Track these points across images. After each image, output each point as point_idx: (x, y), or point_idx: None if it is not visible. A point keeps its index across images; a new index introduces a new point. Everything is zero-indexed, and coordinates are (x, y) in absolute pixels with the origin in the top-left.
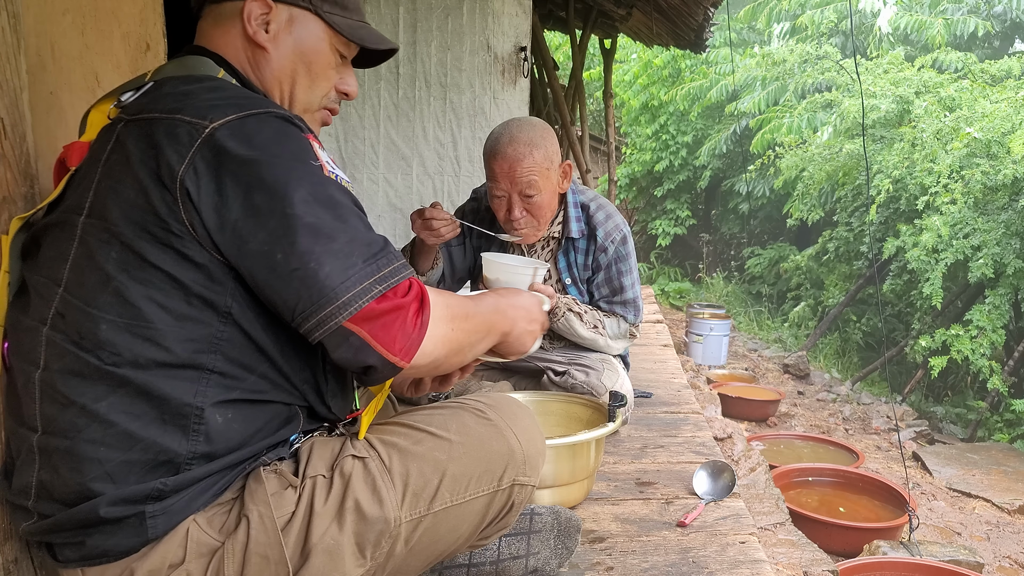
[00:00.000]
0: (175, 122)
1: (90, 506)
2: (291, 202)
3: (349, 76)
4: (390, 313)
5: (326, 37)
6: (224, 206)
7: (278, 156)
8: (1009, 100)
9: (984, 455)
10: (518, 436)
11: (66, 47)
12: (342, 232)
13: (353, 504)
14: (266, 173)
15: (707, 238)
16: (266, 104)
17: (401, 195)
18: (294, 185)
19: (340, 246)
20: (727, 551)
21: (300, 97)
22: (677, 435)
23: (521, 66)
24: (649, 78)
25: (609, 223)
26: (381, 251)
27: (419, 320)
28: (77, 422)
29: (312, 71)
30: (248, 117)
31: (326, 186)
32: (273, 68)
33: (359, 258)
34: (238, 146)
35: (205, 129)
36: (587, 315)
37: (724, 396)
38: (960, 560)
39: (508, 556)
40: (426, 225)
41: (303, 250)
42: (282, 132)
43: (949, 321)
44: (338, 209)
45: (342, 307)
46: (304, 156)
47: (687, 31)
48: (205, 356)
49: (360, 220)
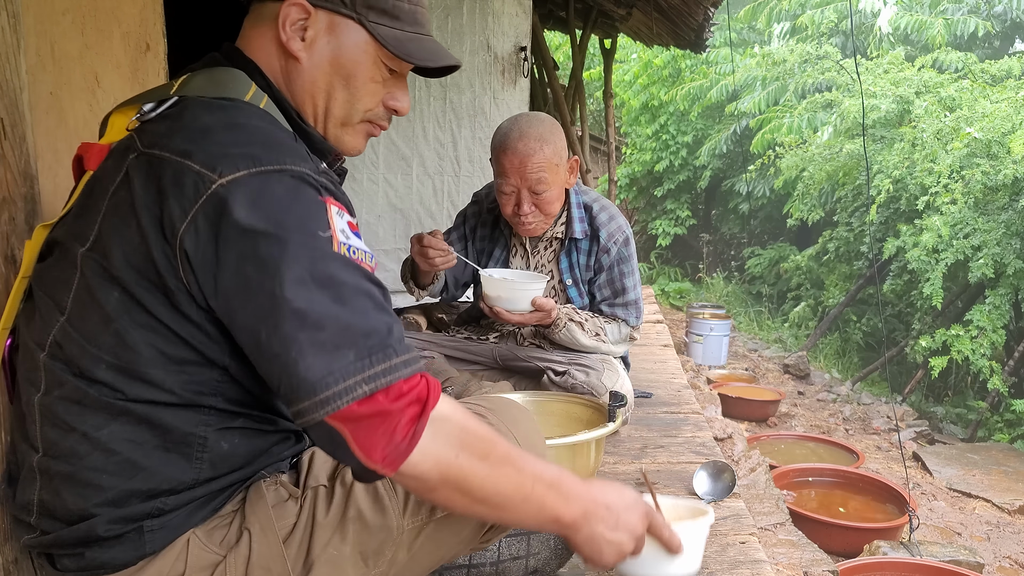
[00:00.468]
0: (183, 168)
1: (89, 525)
2: (282, 281)
3: (400, 91)
4: (375, 417)
5: (370, 50)
6: (219, 271)
7: (281, 226)
8: (1009, 100)
9: (984, 455)
10: (518, 440)
11: (66, 47)
12: (335, 320)
13: (356, 514)
14: (263, 245)
15: (707, 238)
16: (285, 157)
17: (401, 195)
18: (289, 262)
19: (328, 336)
20: (727, 551)
21: (336, 113)
22: (677, 435)
23: (521, 66)
24: (649, 78)
25: (612, 224)
26: (380, 344)
27: (411, 430)
28: (79, 449)
29: (352, 85)
30: (259, 175)
31: (328, 263)
32: (305, 81)
33: (349, 350)
34: (241, 210)
35: (212, 184)
36: (588, 323)
37: (724, 396)
38: (960, 560)
39: (508, 557)
40: (422, 252)
41: (286, 336)
42: (293, 197)
43: (949, 321)
44: (338, 290)
45: (321, 404)
46: (312, 226)
47: (687, 31)
48: (206, 398)
49: (367, 302)
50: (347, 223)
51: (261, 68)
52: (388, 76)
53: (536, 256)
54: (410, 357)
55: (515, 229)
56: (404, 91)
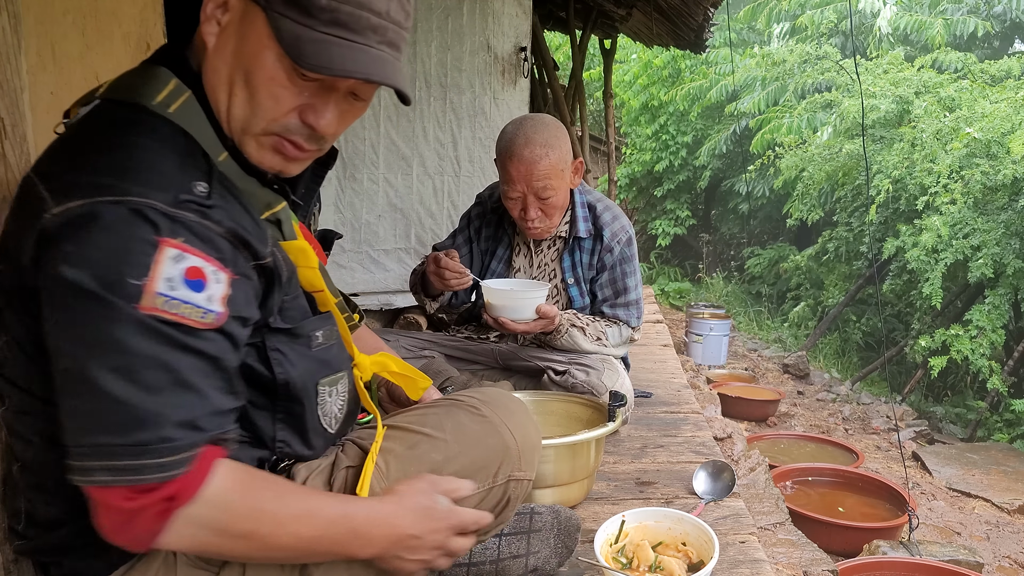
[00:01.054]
0: (35, 192)
1: (60, 534)
2: (68, 337)
3: (321, 104)
4: (111, 510)
5: (271, 44)
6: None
7: (87, 276)
8: (1009, 100)
9: (984, 455)
10: (512, 431)
11: (66, 47)
12: (103, 396)
13: None
14: (64, 292)
15: (707, 238)
16: (132, 186)
17: (401, 195)
18: (82, 317)
19: (91, 410)
20: (727, 551)
21: (236, 114)
22: (677, 435)
23: (521, 66)
24: (649, 78)
25: (616, 224)
26: (139, 441)
27: (152, 528)
28: (38, 458)
29: (250, 84)
30: (90, 206)
31: (125, 326)
32: (208, 71)
33: (105, 435)
34: (57, 253)
35: (44, 215)
36: (590, 328)
37: (724, 396)
38: (960, 560)
39: (508, 555)
40: (438, 273)
41: (62, 390)
42: (118, 235)
43: (949, 321)
44: (124, 363)
45: (71, 469)
46: (123, 274)
47: (687, 31)
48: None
49: (158, 378)
50: (184, 270)
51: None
52: (302, 82)
53: (540, 255)
54: (175, 459)
55: (522, 230)
56: (328, 104)
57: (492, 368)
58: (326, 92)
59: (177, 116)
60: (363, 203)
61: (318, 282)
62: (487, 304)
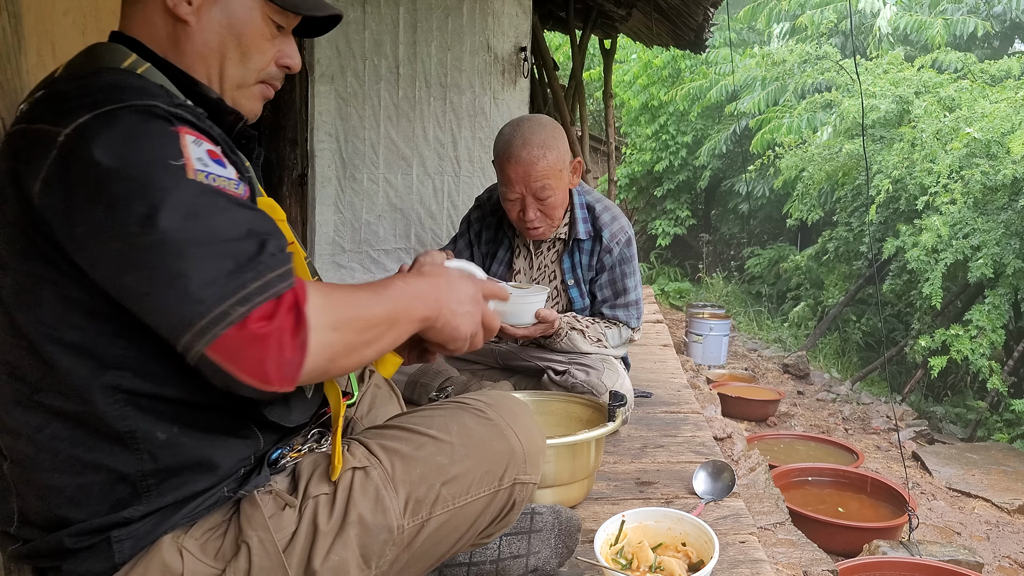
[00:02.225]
0: (34, 133)
1: (57, 537)
2: (134, 217)
3: (289, 47)
4: (256, 342)
5: (257, 5)
6: (76, 224)
7: (126, 161)
8: (1009, 100)
9: (984, 455)
10: (518, 435)
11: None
12: (194, 246)
13: (356, 518)
14: (109, 185)
15: (707, 238)
16: (127, 95)
17: (401, 195)
18: (138, 196)
19: (190, 264)
20: (727, 551)
21: (231, 74)
22: (677, 435)
23: (521, 66)
24: (649, 78)
25: (615, 224)
26: (250, 261)
27: (296, 341)
28: (28, 451)
29: (243, 44)
30: (101, 116)
31: (183, 191)
32: (196, 44)
33: (220, 273)
34: (85, 155)
35: (58, 138)
36: (589, 330)
37: (724, 396)
38: (960, 560)
39: (508, 555)
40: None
41: (150, 273)
42: (139, 129)
43: (949, 321)
44: (195, 217)
45: (199, 334)
46: (162, 157)
47: (687, 31)
48: (112, 374)
49: (228, 223)
50: (207, 151)
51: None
52: (275, 33)
53: (539, 257)
54: (285, 270)
55: (522, 233)
56: (293, 47)
57: (492, 368)
58: (286, 36)
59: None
60: (363, 203)
61: (289, 235)
62: None
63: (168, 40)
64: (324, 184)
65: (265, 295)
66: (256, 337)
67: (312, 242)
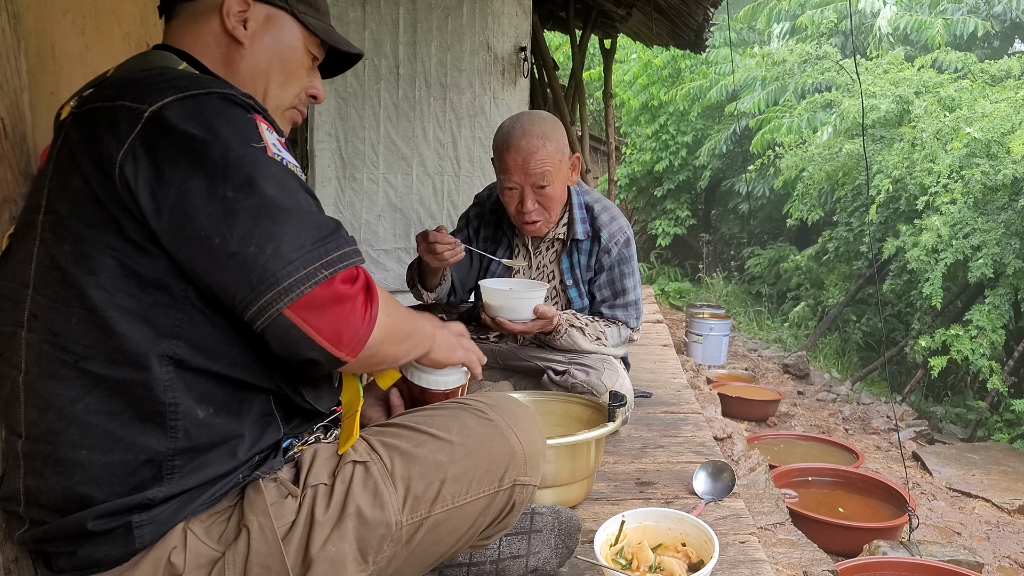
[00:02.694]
0: (115, 108)
1: (78, 518)
2: (231, 183)
3: (317, 80)
4: (337, 304)
5: (301, 37)
6: (161, 190)
7: (218, 136)
8: (1009, 100)
9: (984, 455)
10: (519, 436)
11: (66, 47)
12: (286, 214)
13: (355, 510)
14: (204, 154)
15: (707, 238)
16: (210, 84)
17: (401, 195)
18: (234, 166)
19: (282, 228)
20: (727, 551)
21: (273, 94)
22: (677, 435)
23: (521, 66)
24: (649, 78)
25: (613, 225)
26: (331, 234)
27: (368, 313)
28: (56, 426)
29: (287, 70)
30: (188, 98)
31: (270, 166)
32: (248, 64)
33: (307, 239)
34: (177, 128)
35: (144, 113)
36: (589, 328)
37: (724, 396)
38: (960, 560)
39: (508, 555)
40: (430, 249)
41: (242, 234)
42: (224, 112)
43: (949, 321)
44: (284, 189)
45: (283, 292)
46: (247, 137)
47: (687, 31)
48: (168, 343)
49: (309, 201)
50: (277, 139)
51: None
52: (311, 65)
53: (538, 257)
54: (354, 247)
55: (520, 229)
56: (320, 79)
57: (492, 368)
58: (315, 70)
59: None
60: (363, 203)
61: None
62: (485, 304)
63: (221, 59)
64: (324, 184)
65: (346, 262)
66: (338, 297)
67: None
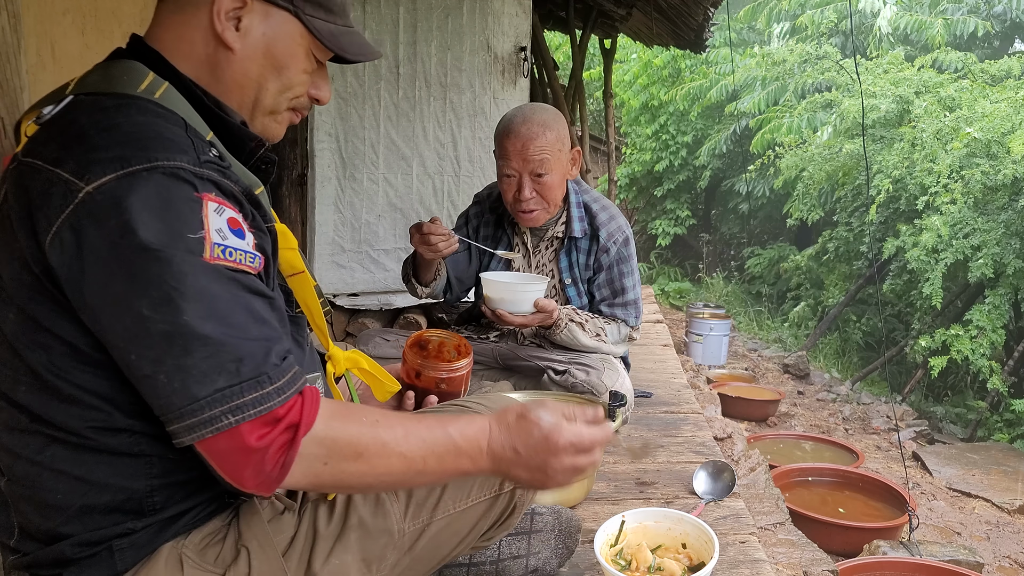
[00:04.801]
0: (52, 177)
1: (59, 548)
2: (148, 299)
3: (323, 82)
4: (240, 453)
5: (303, 42)
6: (85, 286)
7: (149, 235)
8: (1009, 100)
9: (984, 455)
10: None
11: (66, 47)
12: (201, 345)
13: (357, 521)
14: (128, 259)
15: (707, 238)
16: (156, 153)
17: (401, 195)
18: (155, 280)
19: (193, 362)
20: (727, 551)
21: (265, 102)
22: (677, 435)
23: (521, 66)
24: (649, 78)
25: (612, 224)
26: (252, 372)
27: (281, 460)
28: (30, 472)
29: (283, 76)
30: (127, 177)
31: (199, 276)
32: (235, 72)
33: (218, 377)
34: (109, 219)
35: (79, 192)
36: (588, 324)
37: (724, 396)
38: (960, 560)
39: (508, 555)
40: (424, 240)
41: (155, 357)
42: (163, 197)
43: (949, 321)
44: (210, 308)
45: (188, 428)
46: (181, 231)
47: (687, 31)
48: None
49: (243, 316)
50: (227, 220)
51: (171, 56)
52: (314, 67)
53: (537, 255)
54: (286, 381)
55: (517, 219)
56: (326, 80)
57: (492, 368)
58: (322, 70)
59: (163, 101)
60: (363, 203)
61: (298, 263)
62: (485, 297)
63: (205, 63)
64: (324, 184)
65: (259, 408)
66: (242, 448)
67: (312, 242)
